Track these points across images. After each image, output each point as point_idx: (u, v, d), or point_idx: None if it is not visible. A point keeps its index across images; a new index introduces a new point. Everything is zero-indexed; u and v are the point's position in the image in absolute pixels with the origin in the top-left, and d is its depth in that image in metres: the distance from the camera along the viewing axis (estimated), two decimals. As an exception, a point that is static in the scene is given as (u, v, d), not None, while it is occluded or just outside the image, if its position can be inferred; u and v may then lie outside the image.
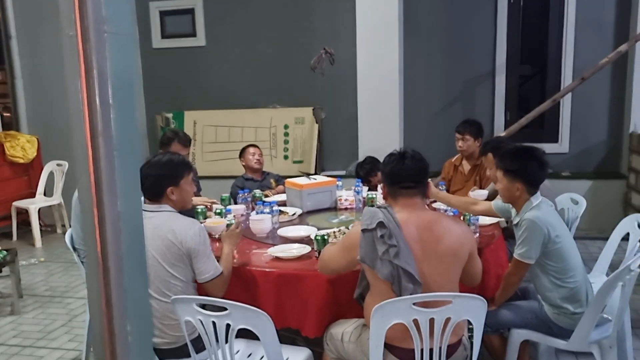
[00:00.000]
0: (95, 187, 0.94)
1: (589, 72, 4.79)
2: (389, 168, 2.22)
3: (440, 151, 5.08)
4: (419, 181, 2.21)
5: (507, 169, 2.60)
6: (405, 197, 2.20)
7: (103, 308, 0.97)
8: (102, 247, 0.96)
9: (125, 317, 0.98)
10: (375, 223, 2.07)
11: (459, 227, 2.24)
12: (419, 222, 2.15)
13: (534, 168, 2.56)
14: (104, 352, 0.97)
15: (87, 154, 0.91)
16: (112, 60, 0.90)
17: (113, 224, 0.96)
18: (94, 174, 0.93)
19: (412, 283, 2.02)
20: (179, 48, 6.78)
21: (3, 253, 4.09)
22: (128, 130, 0.95)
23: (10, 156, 5.96)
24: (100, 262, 0.96)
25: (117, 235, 0.96)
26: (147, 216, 2.44)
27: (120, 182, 0.94)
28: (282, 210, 3.40)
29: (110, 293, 0.96)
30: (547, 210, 2.52)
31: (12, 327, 3.84)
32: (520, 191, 2.55)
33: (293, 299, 2.45)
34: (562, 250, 2.46)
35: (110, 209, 0.95)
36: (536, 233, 2.43)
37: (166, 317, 2.37)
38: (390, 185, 2.23)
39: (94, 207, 0.94)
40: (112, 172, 0.94)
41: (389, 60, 5.30)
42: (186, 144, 3.90)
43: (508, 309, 2.61)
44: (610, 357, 2.40)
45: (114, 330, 0.97)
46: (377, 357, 2.09)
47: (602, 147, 6.01)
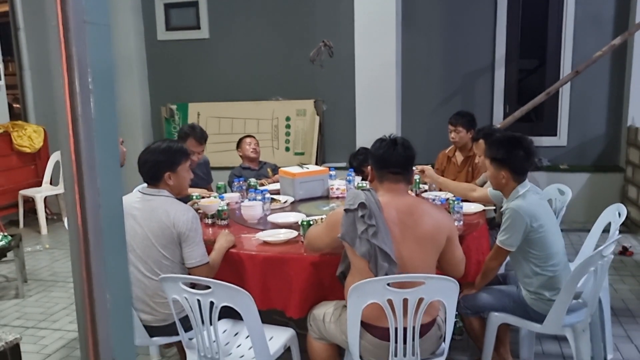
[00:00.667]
0: (76, 165, 1.03)
1: (583, 65, 4.84)
2: (380, 152, 2.33)
3: (439, 144, 5.14)
4: (406, 168, 2.33)
5: (493, 157, 2.67)
6: (390, 182, 2.31)
7: (84, 277, 1.06)
8: (83, 221, 1.06)
9: (105, 286, 1.08)
10: (357, 203, 2.18)
11: (438, 213, 2.34)
12: (400, 206, 2.25)
13: (519, 156, 2.62)
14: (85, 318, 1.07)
15: (69, 134, 1.01)
16: (91, 48, 1.00)
17: (92, 199, 1.05)
18: (74, 153, 1.03)
19: (388, 262, 2.12)
20: (183, 40, 6.89)
21: (8, 238, 4.22)
22: (106, 113, 1.05)
23: (18, 145, 6.11)
24: (81, 234, 1.05)
25: (96, 210, 1.06)
26: (146, 199, 2.56)
27: (99, 160, 1.04)
28: (274, 198, 3.49)
29: (90, 263, 1.06)
30: (532, 199, 2.56)
31: (16, 310, 3.98)
32: (506, 179, 2.63)
33: (278, 281, 2.55)
34: (544, 239, 2.53)
35: (90, 185, 1.04)
36: (517, 222, 2.50)
37: (157, 295, 2.48)
38: (379, 169, 2.34)
39: (75, 184, 1.04)
40: (92, 151, 1.03)
41: (386, 53, 5.36)
42: (201, 140, 3.88)
43: (487, 292, 2.70)
44: (583, 340, 2.47)
45: (93, 298, 1.07)
46: (354, 335, 2.19)
47: (601, 141, 6.05)
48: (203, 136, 3.91)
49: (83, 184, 1.06)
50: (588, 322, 2.52)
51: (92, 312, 1.09)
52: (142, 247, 2.49)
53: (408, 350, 2.18)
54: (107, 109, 1.09)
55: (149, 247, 2.48)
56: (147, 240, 2.47)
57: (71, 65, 1.02)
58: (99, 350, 1.07)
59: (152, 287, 2.47)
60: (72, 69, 1.02)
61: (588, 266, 2.35)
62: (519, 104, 5.86)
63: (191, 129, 3.93)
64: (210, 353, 2.30)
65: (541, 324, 2.53)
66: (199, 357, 2.34)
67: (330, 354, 2.47)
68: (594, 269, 2.38)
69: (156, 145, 2.69)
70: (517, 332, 3.02)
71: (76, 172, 1.05)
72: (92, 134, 1.05)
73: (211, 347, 2.29)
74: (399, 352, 2.18)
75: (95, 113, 1.05)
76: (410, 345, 2.17)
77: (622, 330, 3.34)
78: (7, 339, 1.43)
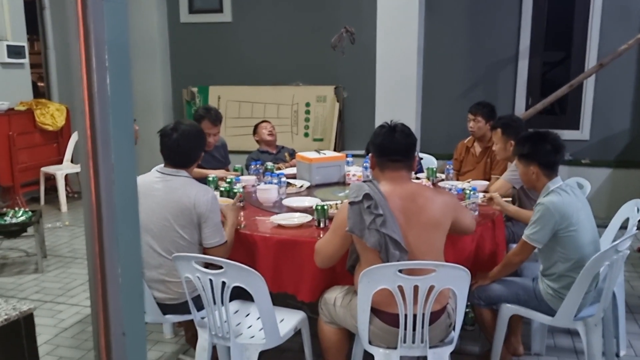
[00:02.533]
0: (91, 141, 1.05)
1: (608, 58, 4.75)
2: (379, 140, 2.30)
3: (459, 134, 5.09)
4: (406, 155, 2.30)
5: (521, 154, 2.67)
6: (392, 170, 2.29)
7: (96, 251, 1.09)
8: (96, 196, 1.08)
9: (117, 261, 1.10)
10: (361, 195, 2.16)
11: (441, 197, 2.33)
12: (403, 193, 2.24)
13: (546, 150, 2.60)
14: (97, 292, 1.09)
15: (85, 111, 1.03)
16: (108, 25, 1.01)
17: (106, 175, 1.07)
18: (90, 129, 1.05)
19: (399, 250, 2.11)
20: (206, 23, 6.90)
21: (29, 214, 4.31)
22: (122, 90, 1.06)
23: (41, 123, 6.20)
24: (94, 209, 1.07)
25: (110, 186, 1.07)
26: (165, 179, 2.57)
27: (114, 137, 1.05)
28: (290, 182, 3.51)
29: (103, 238, 1.08)
30: (565, 198, 2.52)
31: (35, 284, 4.06)
32: (536, 174, 2.61)
33: (291, 265, 2.56)
34: (574, 240, 2.48)
35: (104, 161, 1.06)
36: (547, 218, 2.47)
37: (171, 275, 2.51)
38: (379, 156, 2.31)
39: (90, 160, 1.06)
40: (107, 128, 1.05)
41: (408, 41, 5.31)
42: (216, 122, 3.88)
43: (501, 283, 2.68)
44: (595, 334, 2.45)
45: (105, 272, 1.09)
46: (364, 320, 2.20)
47: (624, 136, 5.94)
48: (218, 117, 3.93)
49: (97, 160, 1.07)
50: (601, 316, 2.49)
51: (103, 286, 1.11)
52: (159, 226, 2.51)
53: (417, 337, 2.18)
54: (122, 87, 1.10)
55: (166, 227, 2.50)
56: (165, 221, 2.50)
57: (89, 42, 1.03)
58: (110, 324, 1.09)
59: (167, 266, 2.50)
60: (89, 46, 1.03)
61: (602, 260, 2.33)
62: (541, 97, 5.78)
63: (206, 110, 3.94)
64: (222, 332, 2.32)
65: (553, 317, 2.51)
66: (210, 336, 2.37)
67: (340, 338, 2.48)
68: (608, 263, 2.35)
69: (188, 128, 2.65)
70: (529, 324, 3.01)
71: (91, 148, 1.07)
72: (107, 110, 1.07)
73: (222, 326, 2.31)
74: (407, 338, 2.18)
75: (111, 90, 1.06)
76: (419, 332, 2.17)
77: (637, 327, 3.30)
78: (21, 308, 1.46)
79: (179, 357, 3.02)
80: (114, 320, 1.10)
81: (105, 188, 1.11)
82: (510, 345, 2.90)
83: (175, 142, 2.59)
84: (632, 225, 2.81)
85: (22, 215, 4.27)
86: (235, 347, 2.30)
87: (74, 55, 1.04)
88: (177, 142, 2.59)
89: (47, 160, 6.40)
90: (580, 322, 2.47)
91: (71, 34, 1.02)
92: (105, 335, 1.11)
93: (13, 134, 5.87)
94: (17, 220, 4.20)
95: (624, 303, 3.03)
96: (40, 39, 7.22)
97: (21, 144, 6.00)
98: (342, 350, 2.52)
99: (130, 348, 1.11)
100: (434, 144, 5.83)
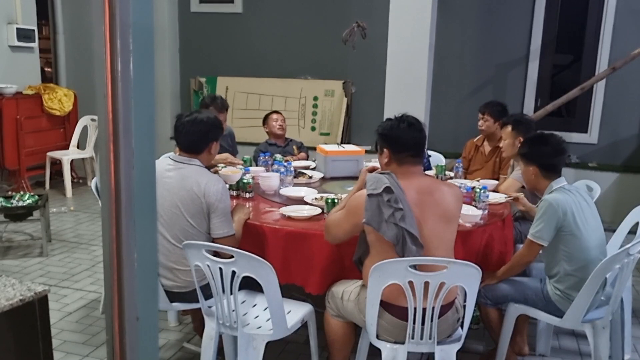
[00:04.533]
0: (113, 124, 1.04)
1: (621, 62, 4.73)
2: (395, 135, 2.29)
3: (467, 132, 5.09)
4: (422, 149, 2.34)
5: (522, 153, 2.72)
6: (410, 165, 2.29)
7: (113, 235, 1.08)
8: (115, 181, 1.07)
9: (133, 246, 1.09)
10: (381, 188, 2.15)
11: (453, 191, 2.34)
12: (420, 187, 2.24)
13: (547, 153, 2.63)
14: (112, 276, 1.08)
15: (107, 94, 1.02)
16: (133, 8, 1.00)
17: (126, 159, 1.06)
18: (112, 113, 1.04)
19: (416, 245, 2.11)
20: (216, 13, 6.88)
21: (35, 197, 4.31)
22: (145, 74, 1.05)
23: (48, 108, 6.19)
24: (113, 193, 1.06)
25: (129, 170, 1.07)
26: (178, 167, 2.57)
27: (135, 121, 1.04)
28: (302, 172, 3.53)
29: (121, 222, 1.07)
30: (567, 195, 2.52)
31: (40, 267, 4.06)
32: (535, 175, 2.62)
33: (299, 257, 2.56)
34: (579, 240, 2.48)
35: (125, 145, 1.05)
36: (550, 214, 2.47)
37: (180, 262, 2.50)
38: (397, 152, 2.29)
39: (110, 143, 1.05)
40: (129, 111, 1.04)
41: (419, 38, 5.29)
42: (222, 109, 3.94)
43: (509, 283, 2.68)
44: (602, 337, 2.45)
45: (122, 257, 1.08)
46: (373, 314, 2.19)
47: (633, 141, 5.92)
48: (224, 105, 3.99)
49: (118, 144, 1.06)
50: (609, 319, 2.49)
51: (119, 270, 1.10)
52: (169, 214, 2.51)
53: (425, 331, 2.18)
54: (145, 70, 1.09)
55: (176, 215, 2.49)
56: (175, 208, 2.49)
57: (114, 23, 1.02)
58: (124, 308, 1.08)
59: (175, 254, 2.50)
60: (114, 28, 1.02)
61: (613, 263, 2.32)
62: (551, 99, 5.76)
63: (212, 99, 4.04)
64: (229, 321, 2.32)
65: (561, 318, 2.51)
66: (217, 324, 2.37)
67: (346, 331, 2.48)
68: (619, 266, 2.34)
69: (201, 117, 2.65)
70: (534, 325, 3.00)
71: (112, 131, 1.06)
72: (129, 94, 1.06)
73: (230, 315, 2.31)
74: (416, 333, 2.18)
75: (134, 74, 1.05)
76: (428, 327, 2.17)
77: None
78: (36, 289, 1.45)
79: (183, 345, 3.03)
80: (129, 304, 1.09)
81: (125, 173, 1.10)
82: (516, 345, 2.90)
83: (184, 125, 2.61)
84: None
85: (29, 199, 4.26)
86: (242, 337, 2.30)
87: (98, 37, 1.03)
88: (186, 126, 2.61)
89: (54, 145, 6.40)
90: (588, 324, 2.46)
91: (95, 15, 1.01)
92: (120, 319, 1.11)
93: (20, 117, 5.86)
94: (23, 204, 4.20)
95: (631, 307, 3.03)
96: (50, 23, 7.22)
97: (28, 128, 5.99)
98: (348, 344, 2.52)
99: (143, 333, 1.10)
100: (441, 142, 5.82)
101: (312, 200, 2.94)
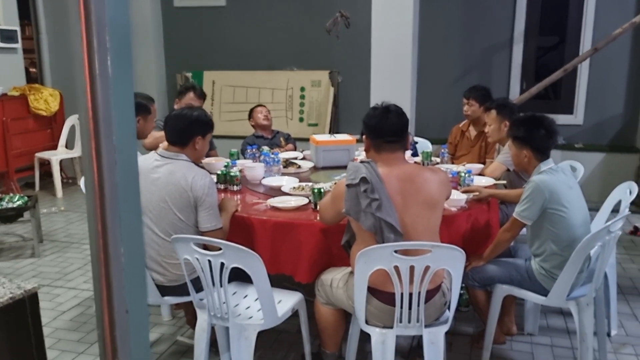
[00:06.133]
0: (93, 121, 1.06)
1: (602, 43, 4.77)
2: (374, 122, 2.32)
3: (454, 118, 5.13)
4: (401, 135, 2.33)
5: (515, 136, 2.71)
6: (388, 151, 2.31)
7: (99, 230, 1.10)
8: (99, 176, 1.09)
9: (119, 240, 1.12)
10: (358, 178, 2.18)
11: (437, 176, 2.35)
12: (401, 175, 2.26)
13: (540, 135, 2.64)
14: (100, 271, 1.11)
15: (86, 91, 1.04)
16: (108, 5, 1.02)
17: (108, 155, 1.08)
18: (92, 110, 1.06)
19: (394, 234, 2.14)
20: (200, 7, 6.87)
21: (25, 199, 4.31)
22: (123, 71, 1.07)
23: (34, 109, 6.17)
24: (97, 189, 1.08)
25: (112, 166, 1.08)
26: (165, 162, 2.59)
27: (116, 117, 1.07)
28: (293, 162, 3.57)
29: (106, 217, 1.10)
30: (556, 177, 2.56)
31: (32, 268, 4.08)
32: (528, 158, 2.65)
33: (288, 247, 2.59)
34: (565, 220, 2.51)
35: (106, 141, 1.07)
36: (536, 195, 2.51)
37: (169, 256, 2.53)
38: (374, 138, 2.33)
39: (92, 140, 1.07)
40: (109, 108, 1.06)
41: (403, 25, 5.31)
42: (201, 96, 4.07)
43: (495, 264, 2.72)
44: (587, 314, 2.49)
45: (108, 251, 1.10)
46: (361, 300, 2.23)
47: (617, 121, 5.99)
48: (203, 93, 4.13)
49: (100, 141, 1.09)
50: (592, 296, 2.53)
51: (106, 265, 1.12)
52: (157, 209, 2.53)
53: (413, 315, 2.22)
54: (124, 67, 1.11)
55: (165, 209, 2.52)
56: (163, 203, 2.51)
57: (90, 22, 1.04)
58: (113, 302, 1.11)
59: (165, 248, 2.52)
60: (90, 26, 1.04)
61: (595, 241, 2.36)
62: (536, 81, 5.80)
63: (191, 85, 4.18)
64: (220, 313, 2.35)
65: (546, 297, 2.56)
66: (209, 316, 2.40)
67: (336, 318, 2.52)
68: (600, 244, 2.39)
69: (189, 112, 2.71)
70: (522, 305, 3.05)
71: (93, 129, 1.08)
72: (109, 91, 1.08)
73: (221, 307, 2.34)
74: (404, 317, 2.22)
75: (112, 71, 1.07)
76: (415, 311, 2.21)
77: (627, 308, 3.36)
78: (25, 287, 1.48)
79: (177, 339, 3.06)
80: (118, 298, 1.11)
81: (108, 168, 1.12)
82: (504, 326, 2.95)
83: (171, 118, 2.69)
84: (625, 207, 2.85)
85: (19, 200, 4.27)
86: (234, 327, 2.33)
87: (75, 36, 1.05)
88: (172, 119, 2.68)
89: (42, 145, 6.38)
90: (572, 302, 2.51)
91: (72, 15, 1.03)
92: (109, 313, 1.13)
93: (7, 119, 5.84)
94: (13, 205, 4.21)
95: (616, 284, 3.08)
96: (32, 24, 7.17)
97: (15, 130, 5.98)
98: (339, 331, 2.56)
99: (134, 325, 1.12)
100: (428, 128, 5.86)
101: (290, 190, 2.98)
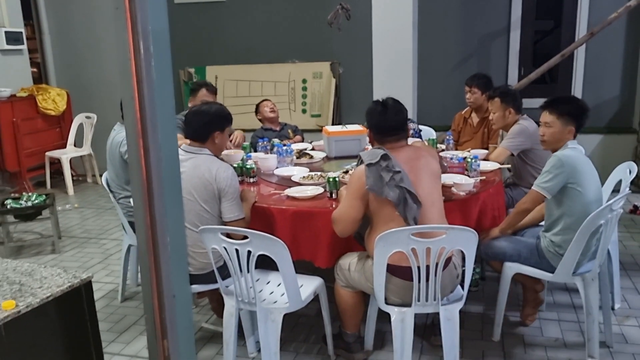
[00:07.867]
0: (141, 122, 1.18)
1: (598, 27, 4.89)
2: (375, 122, 2.58)
3: (455, 105, 5.25)
4: (402, 129, 2.58)
5: (568, 112, 2.73)
6: (392, 142, 2.55)
7: (148, 223, 1.22)
8: (147, 172, 1.21)
9: (166, 230, 1.24)
10: (378, 156, 2.39)
11: (429, 151, 2.66)
12: (406, 156, 2.49)
13: (586, 115, 2.77)
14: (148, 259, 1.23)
15: (134, 96, 1.15)
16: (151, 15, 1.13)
17: (155, 153, 1.20)
18: (139, 112, 1.18)
19: (416, 203, 2.35)
20: (201, 3, 6.95)
21: (43, 197, 4.44)
22: (165, 74, 1.19)
23: (43, 108, 6.28)
24: (145, 185, 1.20)
25: (158, 162, 1.21)
26: (189, 156, 2.75)
27: (160, 118, 1.19)
28: (307, 152, 3.74)
29: (154, 210, 1.22)
30: (579, 156, 2.67)
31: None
32: (570, 134, 2.74)
33: (307, 234, 2.73)
34: (582, 198, 2.60)
35: (153, 140, 1.19)
36: (559, 169, 2.60)
37: (196, 246, 2.67)
38: (377, 134, 2.59)
39: (140, 139, 1.19)
40: (154, 109, 1.17)
41: (402, 15, 5.42)
42: (214, 91, 4.19)
43: (506, 240, 2.87)
44: (592, 289, 2.64)
45: (157, 241, 1.22)
46: (380, 281, 2.37)
47: (615, 103, 6.11)
48: (214, 89, 4.24)
49: (147, 140, 1.21)
50: (597, 272, 2.68)
51: (155, 254, 1.26)
52: (184, 201, 2.67)
53: (430, 289, 2.36)
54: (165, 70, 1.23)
55: (191, 201, 2.65)
56: (189, 195, 2.65)
57: (136, 31, 1.16)
58: (162, 287, 1.23)
59: (192, 238, 2.66)
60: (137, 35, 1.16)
61: (598, 219, 2.50)
62: (534, 66, 5.91)
63: (204, 83, 4.28)
64: (248, 298, 2.50)
65: (553, 274, 2.70)
66: (236, 302, 2.55)
67: (356, 300, 2.67)
68: (603, 221, 2.53)
69: (207, 107, 2.88)
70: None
71: (141, 129, 1.21)
72: (153, 94, 1.20)
73: (248, 292, 2.48)
74: (421, 294, 2.36)
75: (156, 75, 1.20)
76: (432, 282, 2.34)
77: (629, 283, 3.52)
78: (81, 276, 1.61)
79: (202, 325, 3.20)
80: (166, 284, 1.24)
81: (155, 165, 1.25)
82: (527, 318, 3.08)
83: (189, 115, 2.85)
84: (625, 186, 2.99)
85: (36, 199, 4.40)
86: (261, 311, 2.47)
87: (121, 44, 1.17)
88: (190, 117, 2.84)
89: (51, 145, 6.51)
90: (578, 277, 2.65)
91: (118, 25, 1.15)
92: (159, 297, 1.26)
93: (17, 120, 5.96)
94: (32, 204, 4.34)
95: (618, 260, 3.23)
96: (35, 24, 7.25)
97: (25, 130, 6.09)
98: (358, 313, 2.71)
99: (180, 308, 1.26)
100: (429, 116, 5.98)
101: (300, 179, 3.14)
